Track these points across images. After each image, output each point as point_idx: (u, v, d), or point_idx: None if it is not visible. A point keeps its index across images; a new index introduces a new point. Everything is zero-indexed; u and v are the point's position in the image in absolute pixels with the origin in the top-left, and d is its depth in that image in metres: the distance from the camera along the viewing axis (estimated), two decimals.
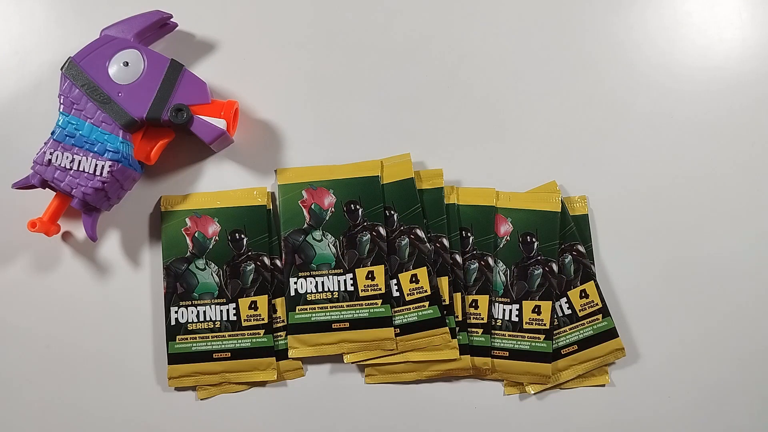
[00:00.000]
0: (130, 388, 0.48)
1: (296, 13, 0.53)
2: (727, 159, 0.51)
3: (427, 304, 0.47)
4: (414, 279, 0.47)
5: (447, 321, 0.47)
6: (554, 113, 0.52)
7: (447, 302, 0.47)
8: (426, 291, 0.47)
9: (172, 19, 0.51)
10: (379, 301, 0.47)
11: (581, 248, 0.49)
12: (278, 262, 0.49)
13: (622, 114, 0.52)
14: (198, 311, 0.48)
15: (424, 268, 0.47)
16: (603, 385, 0.49)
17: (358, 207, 0.48)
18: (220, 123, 0.48)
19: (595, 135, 0.52)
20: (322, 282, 0.47)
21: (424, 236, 0.48)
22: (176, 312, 0.48)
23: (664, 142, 0.51)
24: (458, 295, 0.48)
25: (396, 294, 0.47)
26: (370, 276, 0.47)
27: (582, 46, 0.53)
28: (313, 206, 0.49)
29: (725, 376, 0.49)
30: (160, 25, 0.50)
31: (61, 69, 0.47)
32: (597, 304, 0.48)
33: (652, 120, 0.52)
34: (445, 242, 0.48)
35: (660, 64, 0.53)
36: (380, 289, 0.47)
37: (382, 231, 0.48)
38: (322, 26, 0.53)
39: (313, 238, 0.48)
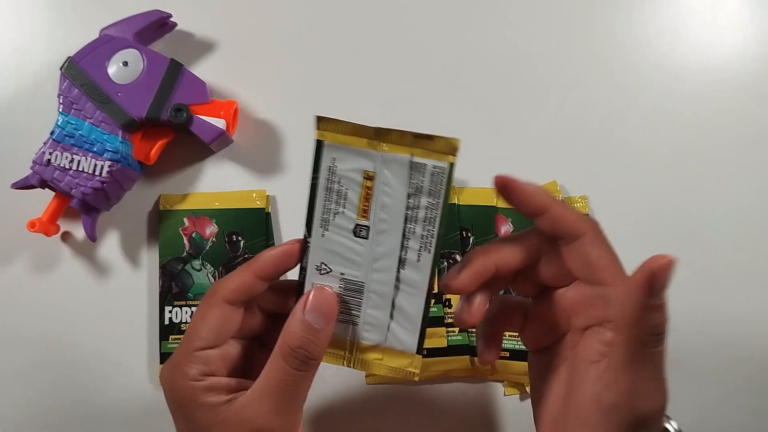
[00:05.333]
0: (130, 388, 0.48)
1: (296, 13, 0.53)
2: (728, 159, 0.51)
3: None
4: None
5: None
6: (555, 113, 0.52)
7: None
8: None
9: (171, 19, 0.51)
10: None
11: None
12: None
13: (622, 114, 0.52)
14: (192, 311, 0.47)
15: None
16: None
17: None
18: (220, 123, 0.48)
19: (595, 135, 0.52)
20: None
21: None
22: (170, 312, 0.47)
23: (665, 143, 0.51)
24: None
25: None
26: None
27: (582, 46, 0.53)
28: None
29: (726, 375, 0.49)
30: (159, 25, 0.50)
31: (61, 69, 0.47)
32: None
33: (652, 120, 0.52)
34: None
35: (660, 64, 0.53)
36: None
37: None
38: (323, 26, 0.53)
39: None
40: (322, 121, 0.32)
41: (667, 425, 0.38)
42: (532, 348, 0.36)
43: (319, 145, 0.32)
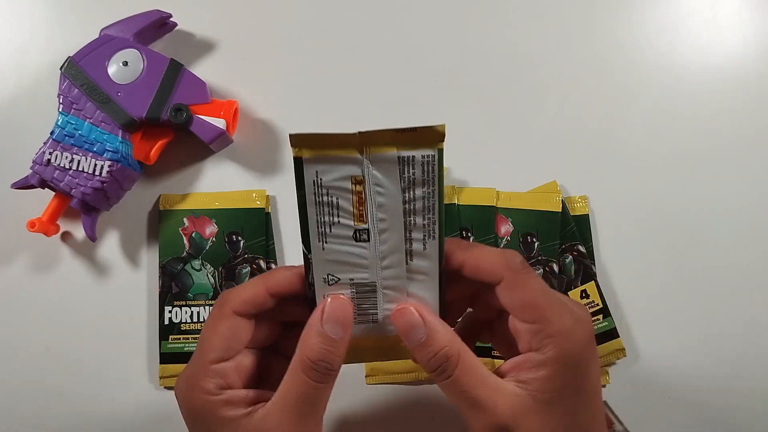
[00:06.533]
0: (129, 388, 0.48)
1: (296, 13, 0.53)
2: (728, 160, 0.51)
3: None
4: None
5: None
6: (555, 113, 0.52)
7: None
8: None
9: (171, 19, 0.51)
10: None
11: (582, 248, 0.49)
12: (274, 267, 0.48)
13: (622, 114, 0.52)
14: (192, 312, 0.47)
15: None
16: (603, 386, 0.48)
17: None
18: (220, 123, 0.48)
19: (595, 135, 0.52)
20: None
21: None
22: (170, 312, 0.47)
23: (665, 143, 0.51)
24: None
25: None
26: None
27: (582, 46, 0.53)
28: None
29: (727, 376, 0.49)
30: (159, 25, 0.50)
31: (61, 69, 0.47)
32: (598, 305, 0.48)
33: (652, 120, 0.52)
34: None
35: (660, 64, 0.53)
36: None
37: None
38: (323, 25, 0.53)
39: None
40: (296, 138, 0.31)
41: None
42: (508, 358, 0.36)
43: (298, 163, 0.31)
